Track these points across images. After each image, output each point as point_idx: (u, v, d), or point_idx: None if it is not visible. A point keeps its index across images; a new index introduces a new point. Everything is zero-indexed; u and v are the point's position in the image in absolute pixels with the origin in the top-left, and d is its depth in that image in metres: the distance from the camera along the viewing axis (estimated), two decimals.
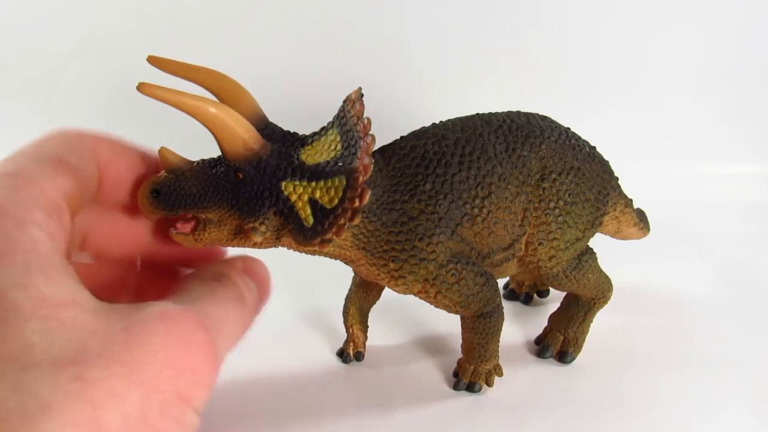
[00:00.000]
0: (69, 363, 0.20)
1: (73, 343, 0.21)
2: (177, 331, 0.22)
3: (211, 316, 0.25)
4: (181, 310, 0.23)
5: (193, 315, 0.23)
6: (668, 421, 0.45)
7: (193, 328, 0.22)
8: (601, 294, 0.51)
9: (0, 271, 0.22)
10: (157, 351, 0.21)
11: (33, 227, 0.24)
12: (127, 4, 0.79)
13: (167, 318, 0.22)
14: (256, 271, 0.32)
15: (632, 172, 0.60)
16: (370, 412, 0.45)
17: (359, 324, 0.51)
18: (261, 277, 0.32)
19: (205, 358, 0.23)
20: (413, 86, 0.85)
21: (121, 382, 0.20)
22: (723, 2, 0.87)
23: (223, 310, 0.26)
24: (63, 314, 0.21)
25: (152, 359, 0.21)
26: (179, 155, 0.37)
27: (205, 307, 0.25)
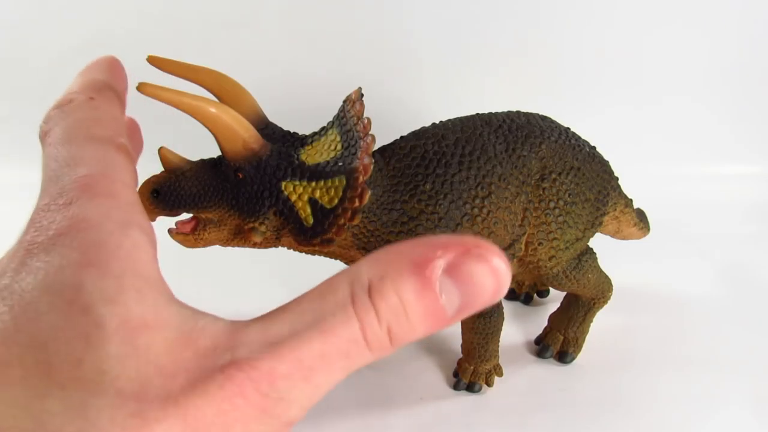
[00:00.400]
0: (131, 398, 0.20)
1: (140, 375, 0.21)
2: (229, 400, 0.21)
3: (278, 372, 0.22)
4: (246, 374, 0.21)
5: (247, 382, 0.21)
6: (668, 421, 0.45)
7: (242, 399, 0.21)
8: (601, 294, 0.51)
9: (97, 284, 0.21)
10: (211, 400, 0.21)
11: (135, 231, 0.24)
12: (127, 4, 0.79)
13: (230, 379, 0.21)
14: (467, 270, 0.24)
15: (632, 172, 0.60)
16: (370, 412, 0.45)
17: None
18: (472, 281, 0.24)
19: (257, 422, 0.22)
20: (413, 86, 0.85)
21: (178, 425, 0.20)
22: (723, 2, 0.87)
23: (312, 360, 0.23)
24: (140, 339, 0.21)
25: (208, 408, 0.21)
26: (179, 155, 0.37)
27: (291, 353, 0.22)
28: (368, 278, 0.23)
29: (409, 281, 0.23)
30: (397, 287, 0.23)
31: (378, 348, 0.23)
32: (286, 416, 0.23)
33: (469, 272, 0.23)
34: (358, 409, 0.46)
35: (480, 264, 0.23)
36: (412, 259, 0.23)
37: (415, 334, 0.23)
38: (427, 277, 0.22)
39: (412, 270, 0.23)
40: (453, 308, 0.23)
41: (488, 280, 0.23)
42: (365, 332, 0.23)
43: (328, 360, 0.23)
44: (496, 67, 0.86)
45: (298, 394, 0.23)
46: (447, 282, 0.23)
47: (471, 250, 0.23)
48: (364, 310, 0.23)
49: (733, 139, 0.92)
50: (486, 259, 0.23)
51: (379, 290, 0.23)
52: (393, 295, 0.23)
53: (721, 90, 0.91)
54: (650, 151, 0.89)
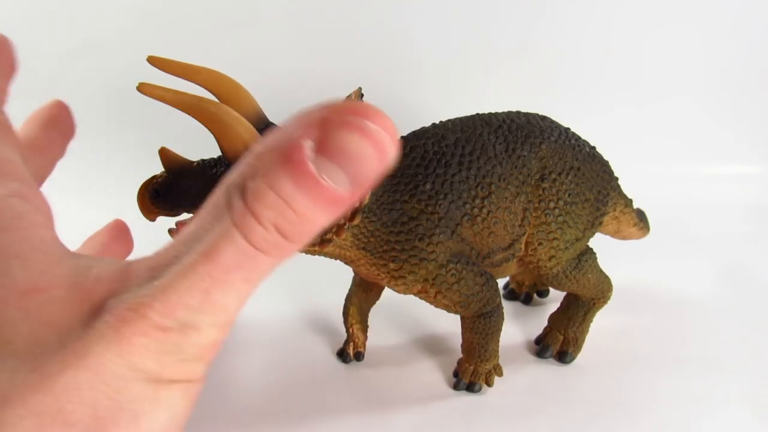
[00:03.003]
0: (28, 357, 0.20)
1: (34, 335, 0.21)
2: (127, 338, 0.21)
3: (172, 304, 0.21)
4: (138, 313, 0.21)
5: (144, 321, 0.21)
6: (668, 421, 0.45)
7: (142, 337, 0.21)
8: (601, 294, 0.51)
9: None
10: (109, 344, 0.20)
11: (13, 200, 0.24)
12: (127, 4, 0.79)
13: (124, 321, 0.21)
14: (337, 144, 0.21)
15: (632, 172, 0.60)
16: (370, 412, 0.45)
17: (359, 324, 0.51)
18: (347, 152, 0.21)
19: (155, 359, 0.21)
20: (413, 86, 0.85)
21: (82, 373, 0.20)
22: (723, 2, 0.87)
23: (203, 283, 0.21)
24: (31, 303, 0.21)
25: (107, 352, 0.20)
26: (179, 155, 0.37)
27: (179, 283, 0.21)
28: (241, 181, 0.21)
29: (282, 173, 0.21)
30: (272, 183, 0.21)
31: (273, 249, 0.22)
32: (199, 341, 0.22)
33: (339, 145, 0.21)
34: (358, 409, 0.46)
35: (347, 132, 0.21)
36: (279, 149, 0.21)
37: (315, 224, 0.22)
38: (298, 164, 0.20)
39: (280, 161, 0.21)
40: (344, 185, 0.21)
41: (364, 146, 0.21)
42: (250, 239, 0.21)
43: (221, 278, 0.21)
44: (496, 67, 0.86)
45: (204, 318, 0.22)
46: (323, 161, 0.21)
47: (333, 120, 0.21)
48: (241, 217, 0.21)
49: (733, 139, 0.92)
50: (352, 124, 0.21)
51: (253, 192, 0.21)
52: (269, 193, 0.21)
53: (720, 90, 0.91)
54: (650, 151, 0.89)
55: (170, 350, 0.21)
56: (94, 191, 0.74)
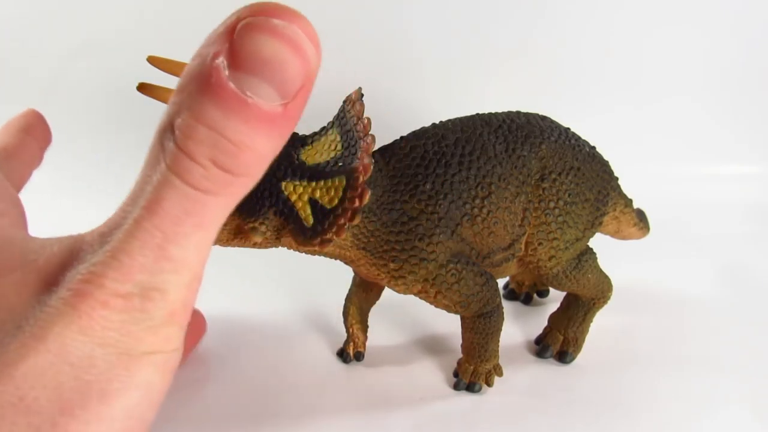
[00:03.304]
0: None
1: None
2: (87, 314, 0.19)
3: (128, 268, 0.20)
4: (94, 284, 0.19)
5: (101, 291, 0.19)
6: (668, 421, 0.45)
7: (102, 309, 0.19)
8: (601, 294, 0.51)
9: None
10: (69, 323, 0.19)
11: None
12: (127, 5, 0.79)
13: (80, 295, 0.19)
14: (249, 53, 0.19)
15: (632, 172, 0.60)
16: (370, 412, 0.45)
17: (359, 324, 0.51)
18: (263, 60, 0.19)
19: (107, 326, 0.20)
20: (413, 86, 0.85)
21: (44, 356, 0.19)
22: (723, 2, 0.87)
23: (154, 240, 0.20)
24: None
25: (68, 331, 0.19)
26: None
27: (128, 244, 0.20)
28: (169, 121, 0.20)
29: (204, 102, 0.19)
30: (197, 115, 0.19)
31: (219, 187, 0.20)
32: (165, 303, 0.20)
33: (252, 53, 0.18)
34: (358, 409, 0.46)
35: (257, 35, 0.19)
36: (195, 75, 0.19)
37: (256, 150, 0.20)
38: (216, 86, 0.18)
39: (200, 88, 0.19)
40: (274, 98, 0.19)
41: (278, 47, 0.19)
42: (189, 181, 0.19)
43: (170, 229, 0.20)
44: (496, 67, 0.86)
45: (165, 277, 0.20)
46: (242, 77, 0.19)
47: (241, 29, 0.19)
48: (174, 160, 0.19)
49: (733, 139, 0.92)
50: (260, 26, 0.19)
51: (181, 129, 0.19)
52: (198, 126, 0.19)
53: (720, 90, 0.91)
54: (650, 151, 0.89)
55: (136, 318, 0.20)
56: (94, 191, 0.74)
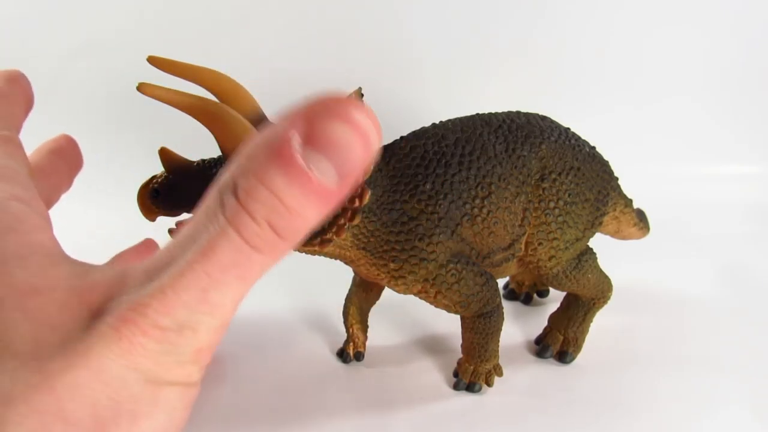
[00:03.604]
0: (29, 357, 0.20)
1: (34, 337, 0.21)
2: (127, 339, 0.21)
3: (170, 303, 0.21)
4: (138, 312, 0.21)
5: (141, 319, 0.21)
6: (668, 421, 0.45)
7: (142, 336, 0.21)
8: (601, 294, 0.51)
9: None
10: (110, 344, 0.21)
11: (13, 203, 0.24)
12: (127, 5, 0.79)
13: (123, 321, 0.21)
14: (324, 134, 0.21)
15: (632, 172, 0.60)
16: (370, 412, 0.45)
17: (359, 324, 0.51)
18: (333, 142, 0.21)
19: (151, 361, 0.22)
20: (414, 86, 0.85)
21: (83, 373, 0.20)
22: (723, 2, 0.87)
23: (199, 282, 0.21)
24: (30, 303, 0.21)
25: (108, 352, 0.21)
26: (179, 155, 0.37)
27: (177, 282, 0.21)
28: (233, 180, 0.22)
29: (272, 168, 0.21)
30: (262, 179, 0.21)
31: (267, 247, 0.22)
32: (195, 342, 0.22)
33: (326, 136, 0.21)
34: (358, 409, 0.46)
35: (332, 121, 0.21)
36: (268, 144, 0.21)
37: (306, 220, 0.22)
38: (287, 158, 0.21)
39: (270, 156, 0.21)
40: (332, 179, 0.21)
41: (349, 134, 0.21)
42: (244, 236, 0.21)
43: (217, 277, 0.21)
44: (496, 67, 0.86)
45: (200, 318, 0.22)
46: (311, 154, 0.21)
47: (319, 111, 0.21)
48: (234, 214, 0.21)
49: (733, 139, 0.92)
50: (337, 114, 0.21)
51: (245, 188, 0.21)
52: (261, 189, 0.21)
53: (720, 90, 0.91)
54: (650, 151, 0.89)
55: (168, 351, 0.21)
56: (94, 191, 0.74)
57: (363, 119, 0.21)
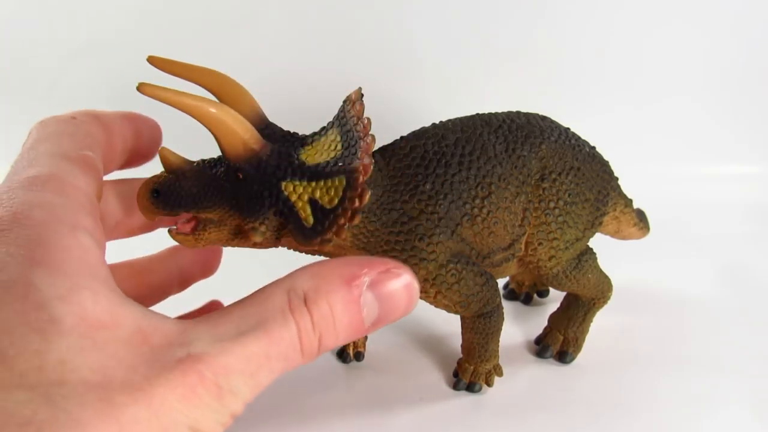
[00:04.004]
0: (96, 385, 0.21)
1: (101, 367, 0.22)
2: (190, 387, 0.23)
3: (231, 367, 0.24)
4: (205, 365, 0.23)
5: (207, 372, 0.23)
6: (668, 421, 0.45)
7: (202, 388, 0.23)
8: (601, 294, 0.51)
9: (48, 282, 0.22)
10: (175, 387, 0.22)
11: (83, 233, 0.25)
12: (127, 4, 0.79)
13: (191, 368, 0.23)
14: (387, 287, 0.28)
15: (632, 172, 0.60)
16: (370, 412, 0.45)
17: None
18: (390, 296, 0.28)
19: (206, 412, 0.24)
20: (414, 86, 0.85)
21: (144, 410, 0.21)
22: (723, 2, 0.87)
23: (259, 359, 0.25)
24: (98, 335, 0.22)
25: (171, 394, 0.22)
26: (179, 155, 0.37)
27: (241, 350, 0.24)
28: (303, 290, 0.26)
29: (339, 294, 0.26)
30: (329, 299, 0.26)
31: (309, 353, 0.26)
32: (233, 408, 0.24)
33: (388, 289, 0.27)
34: (358, 409, 0.46)
35: (397, 280, 0.27)
36: (342, 274, 0.26)
37: (338, 342, 0.26)
38: (354, 292, 0.26)
39: (341, 284, 0.26)
40: (370, 320, 0.27)
41: (402, 295, 0.28)
42: (301, 337, 0.25)
43: (271, 359, 0.25)
44: (496, 67, 0.86)
45: (243, 388, 0.24)
46: (369, 297, 0.27)
47: (391, 269, 0.27)
48: (301, 317, 0.25)
49: (733, 139, 0.92)
50: (402, 277, 0.28)
51: (314, 300, 0.26)
52: (325, 306, 0.26)
53: (720, 90, 0.91)
54: (650, 151, 0.89)
55: (215, 409, 0.24)
56: None
57: (415, 288, 0.28)
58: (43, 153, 0.28)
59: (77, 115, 0.32)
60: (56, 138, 0.29)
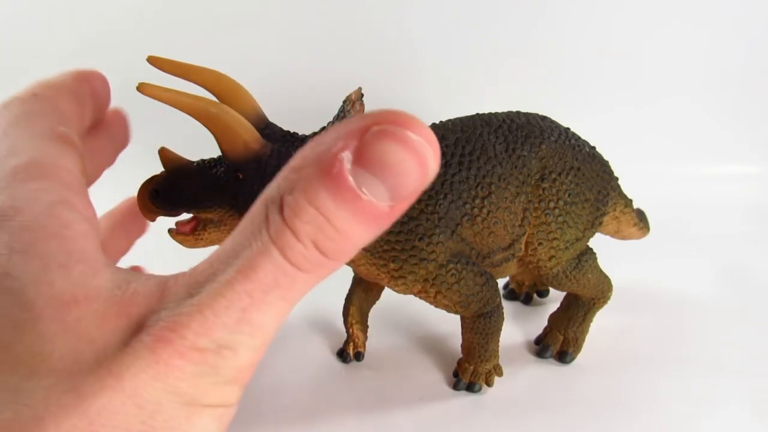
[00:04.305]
0: (65, 375, 0.20)
1: (71, 351, 0.20)
2: (164, 361, 0.20)
3: (209, 324, 0.21)
4: (176, 332, 0.20)
5: (182, 341, 0.20)
6: (668, 421, 0.45)
7: (178, 358, 0.20)
8: (601, 294, 0.51)
9: (21, 268, 0.21)
10: (146, 366, 0.20)
11: (62, 208, 0.23)
12: (127, 4, 0.79)
13: (161, 340, 0.20)
14: (377, 155, 0.20)
15: (632, 172, 0.60)
16: (370, 412, 0.45)
17: (359, 324, 0.51)
18: (388, 163, 0.20)
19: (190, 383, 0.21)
20: (414, 86, 0.85)
21: (117, 396, 0.19)
22: (723, 2, 0.87)
23: (242, 302, 0.21)
24: (69, 315, 0.21)
25: (142, 374, 0.20)
26: (179, 155, 0.37)
27: (216, 301, 0.21)
28: (279, 195, 0.21)
29: (320, 187, 0.20)
30: (310, 197, 0.20)
31: (311, 266, 0.21)
32: (234, 363, 0.21)
33: (379, 156, 0.20)
34: (358, 409, 0.46)
35: (388, 142, 0.20)
36: (317, 161, 0.20)
37: (355, 240, 0.21)
38: (336, 176, 0.20)
39: (319, 174, 0.20)
40: (384, 199, 0.20)
41: (404, 156, 0.20)
42: (287, 255, 0.20)
43: (258, 296, 0.21)
44: (496, 67, 0.86)
45: (240, 338, 0.21)
46: (362, 173, 0.20)
47: (372, 130, 0.20)
48: (278, 233, 0.20)
49: (733, 139, 0.92)
50: (392, 134, 0.20)
51: (291, 206, 0.20)
52: (308, 208, 0.20)
53: (720, 90, 0.91)
54: (650, 151, 0.89)
55: (206, 372, 0.21)
56: (93, 191, 0.74)
57: (420, 141, 0.20)
58: (19, 138, 0.26)
59: (38, 89, 0.29)
60: (26, 120, 0.27)
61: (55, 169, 0.25)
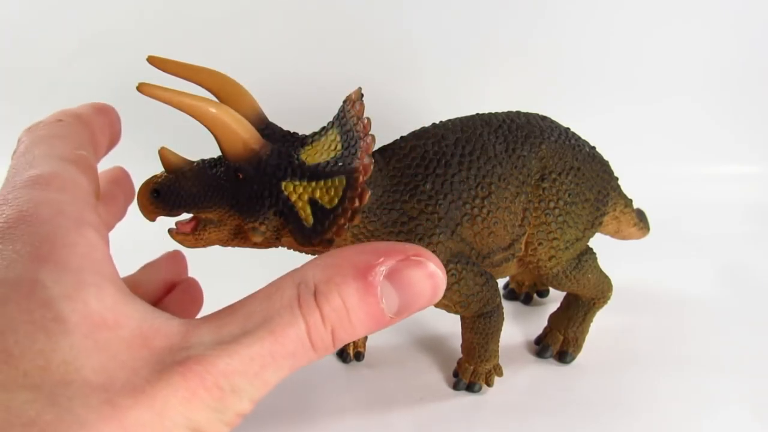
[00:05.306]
0: (99, 387, 0.21)
1: (104, 368, 0.22)
2: (191, 390, 0.23)
3: (232, 369, 0.23)
4: (204, 367, 0.23)
5: (206, 375, 0.23)
6: (668, 421, 0.45)
7: (203, 390, 0.23)
8: (601, 294, 0.51)
9: (54, 279, 0.22)
10: (176, 390, 0.22)
11: (88, 229, 0.25)
12: (127, 4, 0.79)
13: (191, 371, 0.23)
14: (406, 276, 0.25)
15: (632, 172, 0.60)
16: (370, 412, 0.45)
17: None
18: (411, 285, 0.26)
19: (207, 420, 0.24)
20: (414, 86, 0.85)
21: (147, 412, 0.21)
22: (723, 3, 0.87)
23: (263, 359, 0.24)
24: (100, 335, 0.22)
25: (173, 397, 0.22)
26: (179, 155, 0.37)
27: (244, 351, 0.23)
28: (314, 282, 0.25)
29: (353, 286, 0.24)
30: (342, 291, 0.24)
31: (321, 348, 0.25)
32: (237, 407, 0.24)
33: (408, 277, 0.25)
34: (358, 409, 0.46)
35: (418, 269, 0.25)
36: (356, 264, 0.25)
37: (356, 335, 0.25)
38: (370, 282, 0.24)
39: (356, 275, 0.24)
40: (392, 310, 0.25)
41: (426, 285, 0.26)
42: (311, 333, 0.24)
43: (277, 358, 0.24)
44: (496, 67, 0.86)
45: (248, 388, 0.24)
46: (387, 286, 0.25)
47: (410, 256, 0.25)
48: (309, 312, 0.24)
49: (733, 139, 0.92)
50: (424, 265, 0.26)
51: (324, 294, 0.24)
52: (337, 299, 0.24)
53: (720, 90, 0.91)
54: (650, 151, 0.89)
55: (218, 409, 0.23)
56: None
57: (439, 275, 0.26)
58: (40, 155, 0.28)
59: (62, 116, 0.32)
60: (49, 141, 0.29)
61: (73, 184, 0.27)
